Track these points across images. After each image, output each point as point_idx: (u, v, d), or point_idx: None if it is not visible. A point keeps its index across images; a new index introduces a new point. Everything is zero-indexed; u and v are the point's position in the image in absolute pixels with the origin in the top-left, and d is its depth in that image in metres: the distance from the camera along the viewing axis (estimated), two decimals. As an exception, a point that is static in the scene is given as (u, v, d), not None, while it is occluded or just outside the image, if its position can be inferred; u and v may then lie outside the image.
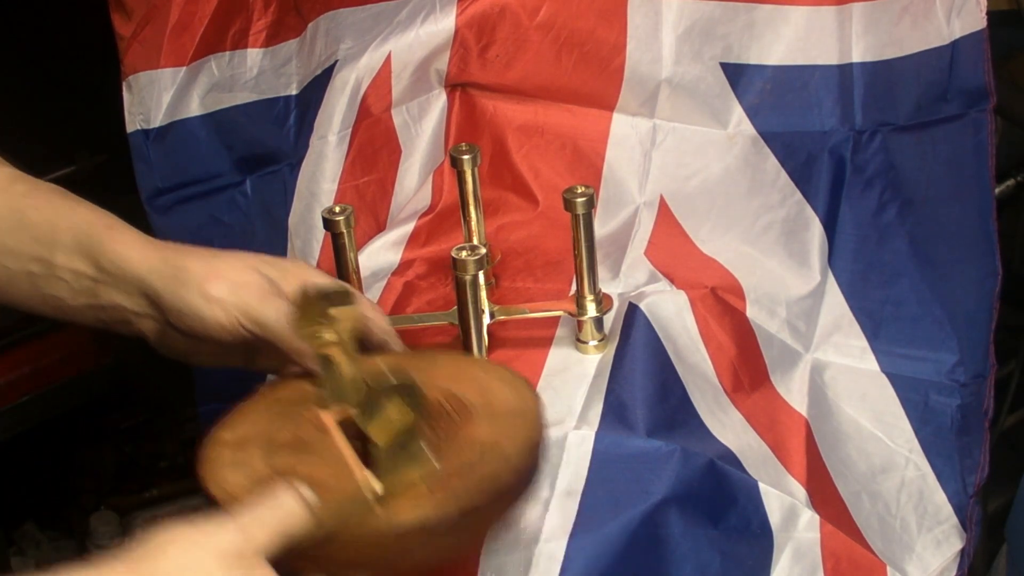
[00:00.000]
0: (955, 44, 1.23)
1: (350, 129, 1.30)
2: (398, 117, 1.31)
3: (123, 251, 0.92)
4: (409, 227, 1.26)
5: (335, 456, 0.83)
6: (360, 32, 1.29)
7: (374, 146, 1.31)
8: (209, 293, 0.89)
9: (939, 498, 1.22)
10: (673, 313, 1.15)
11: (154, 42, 1.31)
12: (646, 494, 0.98)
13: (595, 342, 1.10)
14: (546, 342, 1.11)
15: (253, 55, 1.34)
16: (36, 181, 0.97)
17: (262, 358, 0.98)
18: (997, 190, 1.31)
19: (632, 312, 1.12)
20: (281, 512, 0.75)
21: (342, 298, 0.90)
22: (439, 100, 1.31)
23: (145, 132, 1.32)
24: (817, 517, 1.07)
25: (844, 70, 1.24)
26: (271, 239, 1.34)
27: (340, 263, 1.09)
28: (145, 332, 0.95)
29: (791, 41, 1.24)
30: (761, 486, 1.04)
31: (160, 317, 0.93)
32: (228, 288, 0.90)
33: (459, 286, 1.00)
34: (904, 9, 1.22)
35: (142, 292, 0.92)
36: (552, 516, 0.96)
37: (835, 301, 1.25)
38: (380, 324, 0.96)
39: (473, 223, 1.19)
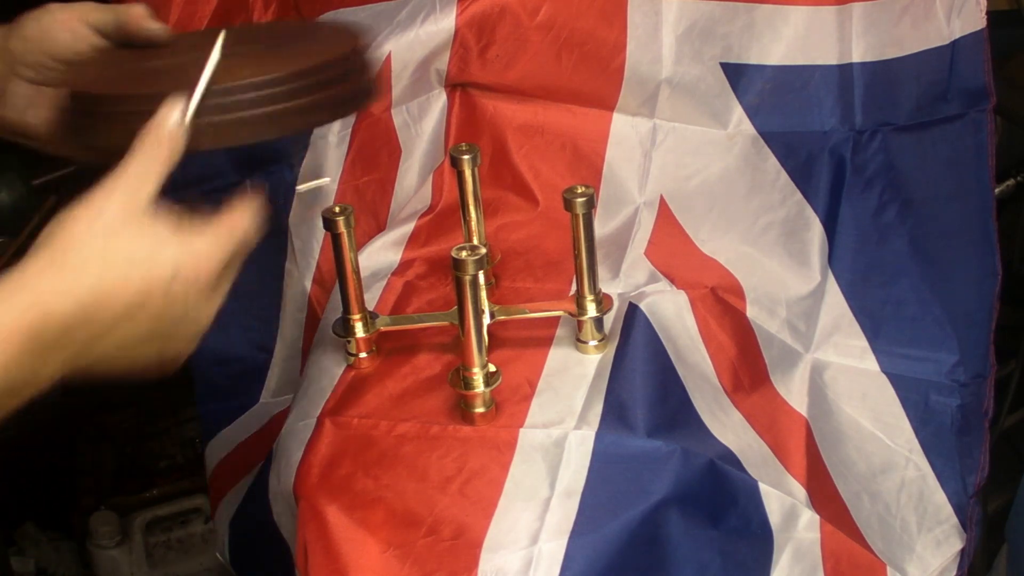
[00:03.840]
0: (955, 44, 1.23)
1: (350, 129, 1.30)
2: (398, 117, 1.30)
3: None
4: (409, 227, 1.26)
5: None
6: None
7: (374, 146, 1.31)
8: (52, 8, 0.95)
9: (939, 498, 1.22)
10: (673, 313, 1.15)
11: (154, 42, 1.31)
12: (646, 494, 0.98)
13: (595, 342, 1.10)
14: (546, 342, 1.11)
15: (253, 55, 1.34)
16: None
17: None
18: (997, 190, 1.31)
19: (632, 312, 1.12)
20: (158, 161, 0.81)
21: None
22: (439, 100, 1.31)
23: (145, 132, 1.32)
24: (817, 517, 1.07)
25: (844, 70, 1.24)
26: (271, 239, 1.34)
27: (340, 263, 1.09)
28: None
29: (791, 41, 1.24)
30: (761, 486, 1.04)
31: (2, 69, 0.97)
32: (67, 4, 0.96)
33: (459, 286, 1.00)
34: (904, 9, 1.22)
35: None
36: (552, 516, 0.96)
37: (835, 301, 1.25)
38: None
39: (473, 223, 1.19)
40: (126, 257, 0.76)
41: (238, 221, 0.83)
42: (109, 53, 0.96)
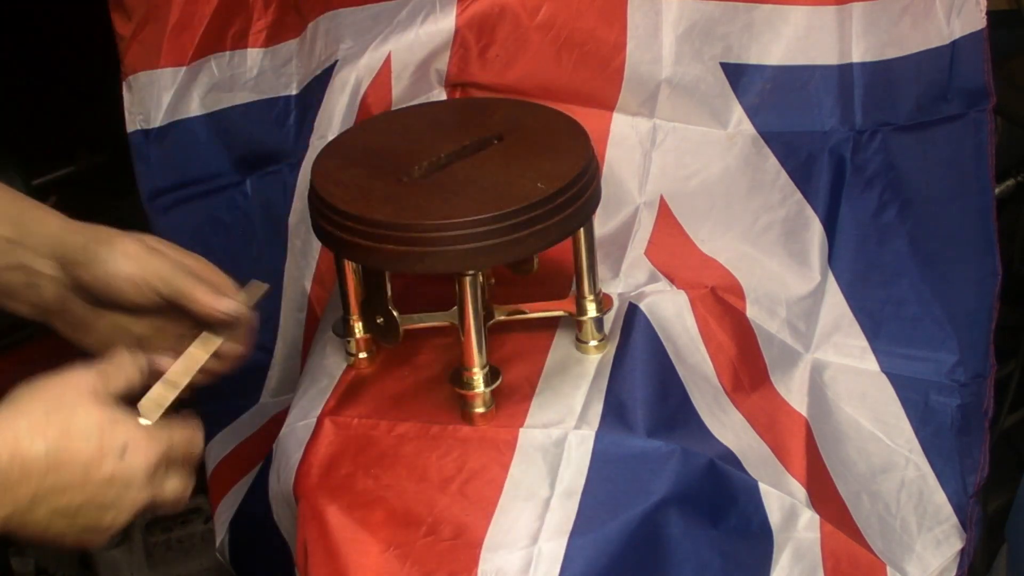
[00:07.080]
0: (955, 44, 1.23)
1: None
2: (398, 117, 1.30)
3: (48, 218, 0.98)
4: (409, 227, 1.26)
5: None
6: (360, 32, 1.29)
7: (375, 146, 1.30)
8: (127, 251, 0.96)
9: (939, 498, 1.22)
10: (673, 313, 1.15)
11: (154, 42, 1.31)
12: (646, 494, 0.98)
13: (595, 342, 1.10)
14: (546, 342, 1.11)
15: (253, 55, 1.34)
16: None
17: (155, 337, 1.01)
18: (997, 190, 1.31)
19: (632, 312, 1.12)
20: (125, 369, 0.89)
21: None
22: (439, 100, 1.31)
23: (145, 132, 1.31)
24: (817, 517, 1.07)
25: (844, 70, 1.24)
26: (271, 239, 1.34)
27: (340, 263, 1.09)
28: (45, 299, 0.98)
29: (791, 41, 1.24)
30: (761, 486, 1.04)
31: (67, 282, 0.97)
32: (144, 251, 0.96)
33: (459, 286, 1.00)
34: (904, 9, 1.22)
35: (58, 255, 0.97)
36: (552, 516, 0.96)
37: (835, 301, 1.25)
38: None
39: (473, 223, 1.18)
40: (89, 422, 0.82)
41: (189, 433, 0.90)
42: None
